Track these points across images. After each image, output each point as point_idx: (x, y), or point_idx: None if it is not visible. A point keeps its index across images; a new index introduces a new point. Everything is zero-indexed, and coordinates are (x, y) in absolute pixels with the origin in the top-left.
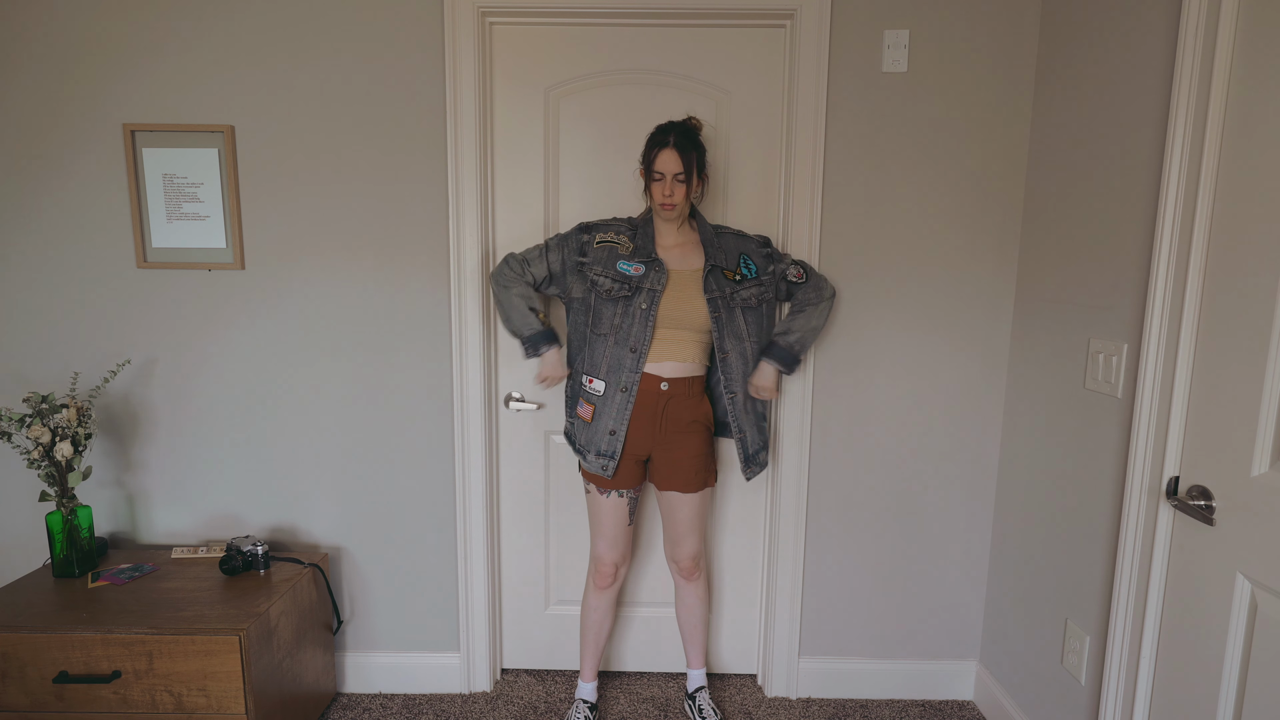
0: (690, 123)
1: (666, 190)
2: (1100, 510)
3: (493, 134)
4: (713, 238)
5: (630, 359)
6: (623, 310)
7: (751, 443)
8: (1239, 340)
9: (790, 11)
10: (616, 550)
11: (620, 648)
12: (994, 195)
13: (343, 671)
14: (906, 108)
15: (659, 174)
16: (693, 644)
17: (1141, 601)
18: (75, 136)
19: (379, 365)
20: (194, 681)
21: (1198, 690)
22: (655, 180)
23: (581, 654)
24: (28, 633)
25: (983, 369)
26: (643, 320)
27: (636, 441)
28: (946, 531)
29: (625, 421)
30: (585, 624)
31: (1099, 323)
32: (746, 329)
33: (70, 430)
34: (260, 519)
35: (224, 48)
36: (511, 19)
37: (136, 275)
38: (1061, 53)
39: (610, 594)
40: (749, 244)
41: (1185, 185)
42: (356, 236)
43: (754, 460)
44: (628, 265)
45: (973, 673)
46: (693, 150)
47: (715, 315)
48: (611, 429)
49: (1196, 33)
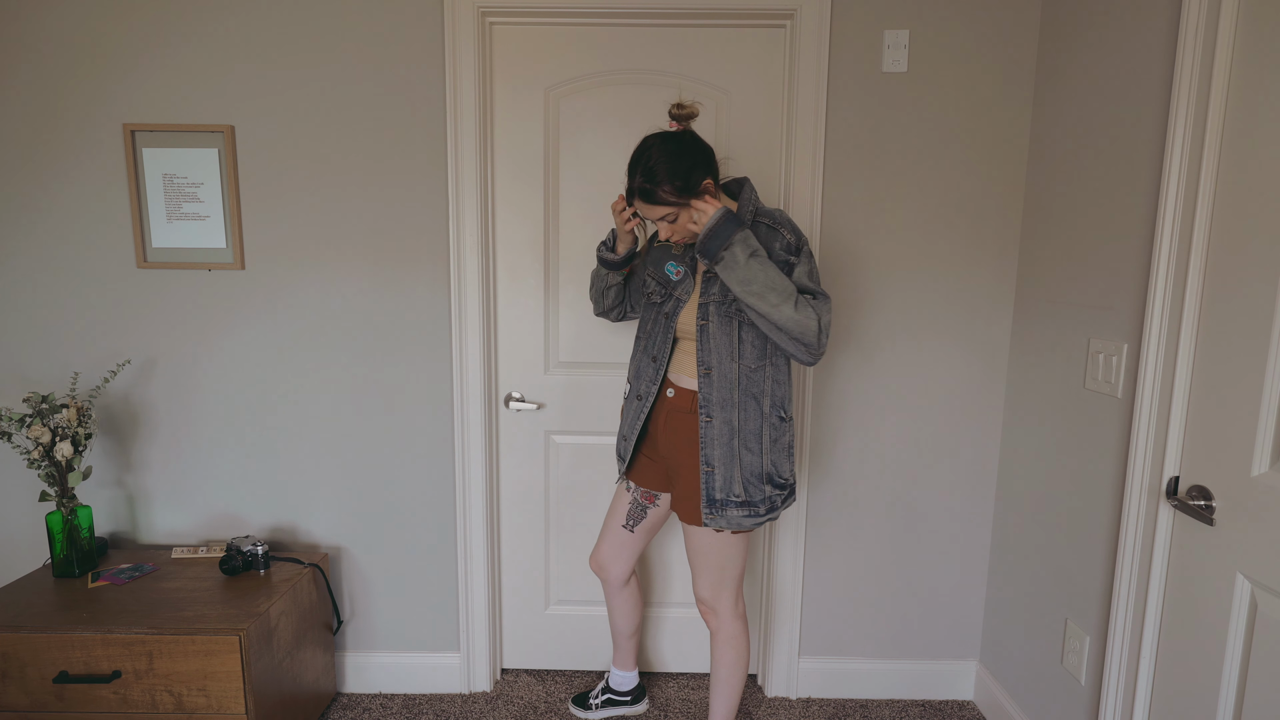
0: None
1: (665, 232)
2: (1100, 510)
3: (493, 134)
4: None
5: (651, 368)
6: (653, 316)
7: (720, 484)
8: (1239, 340)
9: (790, 11)
10: (607, 545)
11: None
12: (994, 195)
13: (343, 671)
14: (906, 108)
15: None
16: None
17: (1141, 601)
18: (75, 136)
19: (379, 364)
20: (194, 681)
21: (1198, 690)
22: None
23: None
24: (28, 633)
25: (983, 369)
26: (665, 329)
27: (652, 449)
28: (946, 531)
29: (637, 429)
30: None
31: (1099, 323)
32: (738, 347)
33: (70, 430)
34: (260, 519)
35: (224, 48)
36: (511, 19)
37: (136, 275)
38: (1061, 52)
39: (613, 592)
40: (774, 241)
41: (1185, 185)
42: (356, 235)
43: (717, 506)
44: (674, 266)
45: (973, 673)
46: (666, 182)
47: (702, 323)
48: (625, 434)
49: (1196, 33)
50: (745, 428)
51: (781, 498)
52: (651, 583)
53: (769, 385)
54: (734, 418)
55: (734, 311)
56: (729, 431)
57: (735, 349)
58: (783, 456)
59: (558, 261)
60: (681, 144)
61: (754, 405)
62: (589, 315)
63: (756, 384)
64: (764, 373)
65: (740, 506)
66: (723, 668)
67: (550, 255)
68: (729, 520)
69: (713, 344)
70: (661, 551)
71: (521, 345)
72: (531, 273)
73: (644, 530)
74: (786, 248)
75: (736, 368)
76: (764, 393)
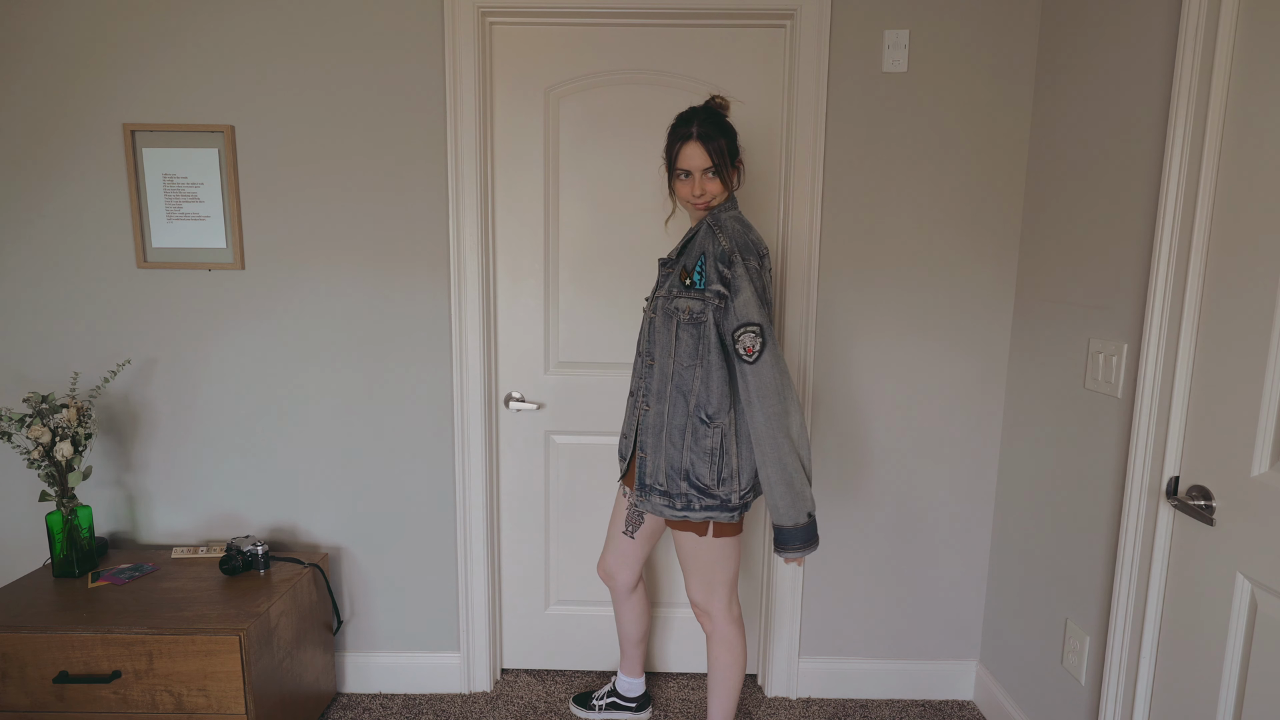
0: (716, 102)
1: (696, 190)
2: (1100, 510)
3: (493, 134)
4: (709, 229)
5: (640, 366)
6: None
7: (650, 469)
8: (1239, 340)
9: (790, 11)
10: (612, 553)
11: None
12: (994, 195)
13: (343, 671)
14: (906, 108)
15: (684, 172)
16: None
17: (1141, 601)
18: (75, 136)
19: (379, 364)
20: (194, 681)
21: (1198, 690)
22: (680, 179)
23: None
24: (28, 633)
25: (983, 369)
26: (647, 325)
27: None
28: (946, 531)
29: (633, 427)
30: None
31: (1099, 323)
32: (674, 345)
33: (70, 430)
34: (260, 519)
35: (224, 48)
36: (511, 19)
37: (136, 275)
38: (1061, 53)
39: (621, 599)
40: (712, 244)
41: (1185, 185)
42: (356, 235)
43: (645, 490)
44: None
45: (973, 673)
46: (720, 138)
47: (650, 316)
48: (625, 433)
49: (1196, 33)
50: (672, 422)
51: (701, 502)
52: (654, 583)
53: (697, 385)
54: (665, 410)
55: (673, 310)
56: (660, 423)
57: (672, 345)
58: (702, 460)
59: (558, 262)
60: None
61: (681, 402)
62: (589, 315)
63: (686, 382)
64: (694, 372)
65: (661, 495)
66: (719, 670)
67: (550, 255)
68: (652, 505)
69: (657, 337)
70: (664, 553)
71: (521, 345)
72: (531, 273)
73: (644, 536)
74: (720, 257)
75: (672, 363)
76: (691, 391)
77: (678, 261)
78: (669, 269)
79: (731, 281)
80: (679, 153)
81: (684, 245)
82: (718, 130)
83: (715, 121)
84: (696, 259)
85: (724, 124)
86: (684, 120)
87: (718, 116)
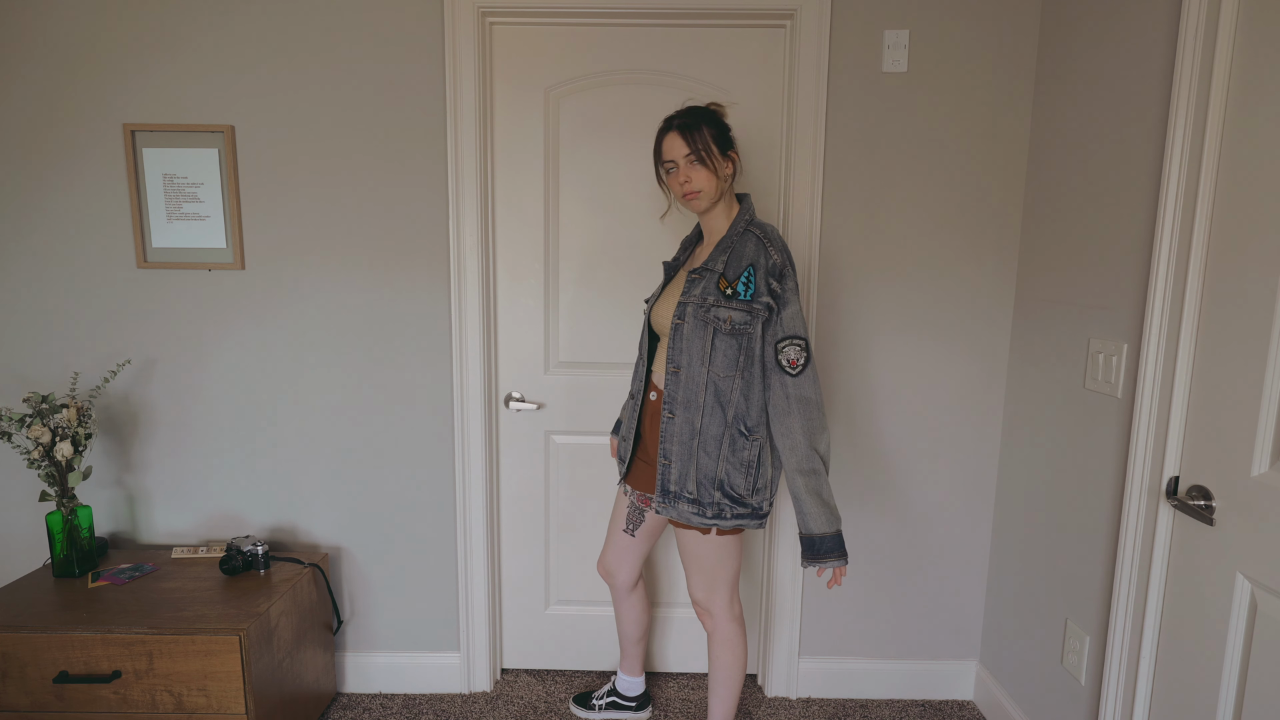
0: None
1: (681, 177)
2: (1100, 510)
3: (493, 134)
4: (738, 234)
5: (640, 367)
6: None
7: (675, 477)
8: (1239, 340)
9: (790, 11)
10: (611, 550)
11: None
12: (994, 195)
13: (343, 671)
14: (906, 108)
15: (669, 163)
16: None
17: (1141, 601)
18: (75, 136)
19: (379, 364)
20: (194, 681)
21: (1198, 690)
22: (668, 172)
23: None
24: (28, 633)
25: (982, 368)
26: (646, 325)
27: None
28: (946, 531)
29: (634, 428)
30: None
31: (1099, 323)
32: (710, 354)
33: (70, 430)
34: (260, 519)
35: (224, 48)
36: (511, 19)
37: (136, 275)
38: (1061, 53)
39: (620, 597)
40: (760, 256)
41: (1185, 185)
42: (357, 235)
43: (670, 497)
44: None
45: (973, 673)
46: (700, 126)
47: (677, 322)
48: (624, 435)
49: (1196, 33)
50: (707, 431)
51: (733, 511)
52: (655, 583)
53: (736, 396)
54: (697, 420)
55: (711, 319)
56: (690, 432)
57: (707, 354)
58: (738, 470)
59: (558, 262)
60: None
61: (719, 412)
62: (589, 315)
63: (724, 392)
64: (734, 383)
65: (690, 503)
66: (720, 669)
67: (550, 255)
68: (679, 513)
69: (684, 344)
70: (663, 552)
71: (521, 345)
72: (531, 273)
73: (645, 534)
74: (771, 270)
75: (706, 372)
76: (730, 402)
77: (711, 270)
78: (699, 275)
79: (781, 295)
80: (661, 146)
81: (723, 253)
82: (697, 119)
83: (695, 112)
84: (744, 270)
85: (707, 113)
86: (666, 119)
87: (701, 109)
